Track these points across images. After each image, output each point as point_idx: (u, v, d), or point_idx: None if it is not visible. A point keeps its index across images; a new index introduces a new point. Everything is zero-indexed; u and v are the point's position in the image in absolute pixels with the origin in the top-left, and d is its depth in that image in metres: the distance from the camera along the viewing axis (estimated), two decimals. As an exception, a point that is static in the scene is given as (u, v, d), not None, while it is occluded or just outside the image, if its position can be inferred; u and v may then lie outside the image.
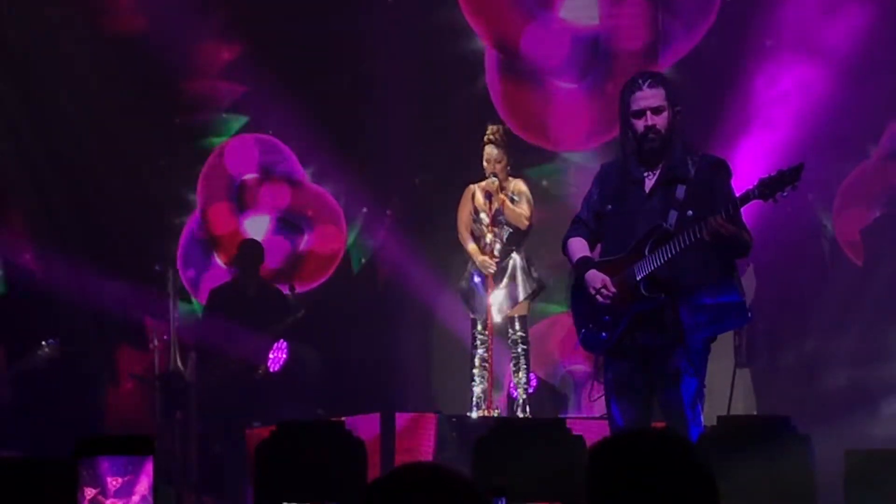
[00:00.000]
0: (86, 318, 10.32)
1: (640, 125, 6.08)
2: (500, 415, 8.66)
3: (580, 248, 6.25)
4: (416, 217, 10.76)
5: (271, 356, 9.82)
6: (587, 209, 6.32)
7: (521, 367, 8.68)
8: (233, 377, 9.67)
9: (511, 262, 8.72)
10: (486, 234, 8.69)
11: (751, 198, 5.84)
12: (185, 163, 11.06)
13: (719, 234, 5.82)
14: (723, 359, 8.23)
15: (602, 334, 6.12)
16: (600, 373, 6.42)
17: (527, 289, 8.70)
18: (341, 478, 6.23)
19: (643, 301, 6.00)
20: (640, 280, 6.00)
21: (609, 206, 6.20)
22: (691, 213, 5.95)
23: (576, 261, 6.22)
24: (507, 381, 9.09)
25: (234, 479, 9.18)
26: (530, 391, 8.74)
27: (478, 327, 8.74)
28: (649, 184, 6.12)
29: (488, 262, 8.65)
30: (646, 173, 6.13)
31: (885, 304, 9.47)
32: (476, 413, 8.62)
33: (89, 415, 10.22)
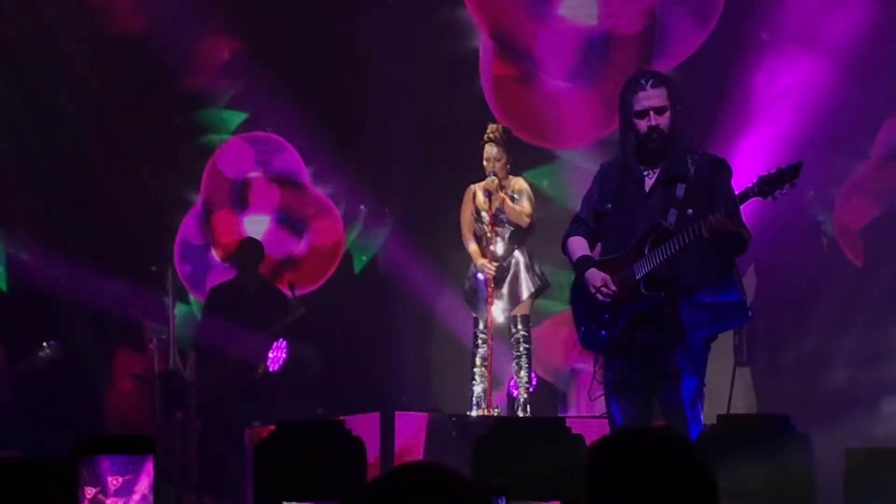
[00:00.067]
0: (86, 318, 10.32)
1: (644, 125, 6.07)
2: (500, 414, 8.66)
3: (580, 247, 6.25)
4: (416, 217, 10.75)
5: (271, 355, 9.81)
6: (587, 208, 6.32)
7: (523, 366, 8.68)
8: (232, 377, 9.67)
9: (514, 260, 8.72)
10: (486, 233, 8.69)
11: (750, 195, 5.83)
12: (184, 162, 11.05)
13: (719, 232, 5.81)
14: (722, 358, 8.23)
15: (601, 333, 6.12)
16: (600, 372, 6.40)
17: (530, 287, 8.69)
18: (341, 477, 6.23)
19: (643, 299, 6.00)
20: (639, 279, 5.99)
21: (609, 206, 6.20)
22: (691, 211, 5.95)
23: (575, 260, 6.22)
24: (508, 381, 9.09)
25: (233, 478, 9.17)
26: (531, 390, 8.74)
27: (479, 326, 8.74)
28: (649, 183, 6.12)
29: (488, 265, 8.65)
30: (646, 172, 6.13)
31: (885, 304, 9.46)
32: (476, 412, 8.62)
33: (89, 415, 10.21)
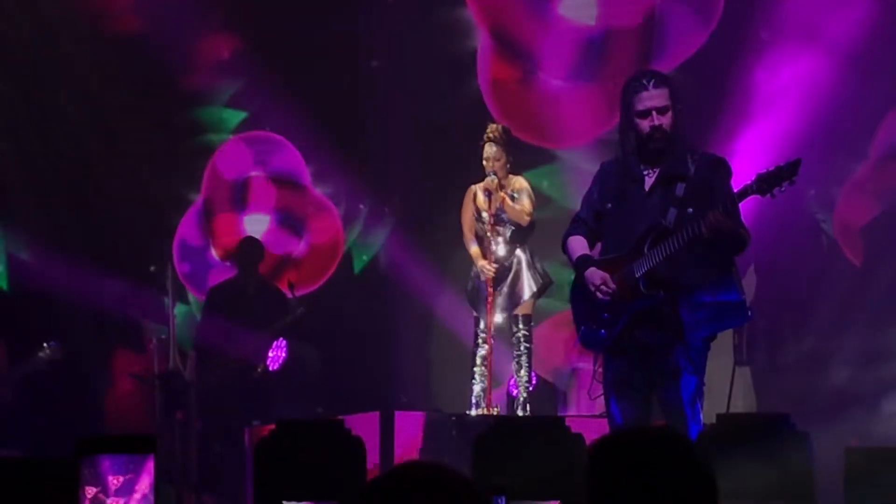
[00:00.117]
0: (86, 318, 10.31)
1: (646, 125, 6.06)
2: (499, 413, 8.66)
3: (580, 246, 6.25)
4: (416, 217, 10.75)
5: (271, 355, 9.81)
6: (587, 208, 6.32)
7: (523, 366, 8.67)
8: (232, 376, 9.66)
9: (515, 259, 8.71)
10: (487, 233, 8.69)
11: (749, 193, 5.83)
12: (184, 161, 11.05)
13: (718, 230, 5.81)
14: (722, 357, 8.24)
15: (601, 332, 6.12)
16: (599, 371, 6.40)
17: (532, 286, 8.68)
18: (341, 477, 6.23)
19: (642, 298, 6.00)
20: (639, 277, 5.99)
21: (609, 205, 6.20)
22: (691, 210, 5.94)
23: (575, 259, 6.22)
24: (507, 380, 9.09)
25: (233, 478, 9.17)
26: (530, 389, 8.74)
27: (480, 325, 8.73)
28: (649, 182, 6.12)
29: (487, 267, 8.64)
30: (646, 171, 6.13)
31: (885, 304, 9.46)
32: (475, 411, 8.62)
33: (89, 415, 10.21)
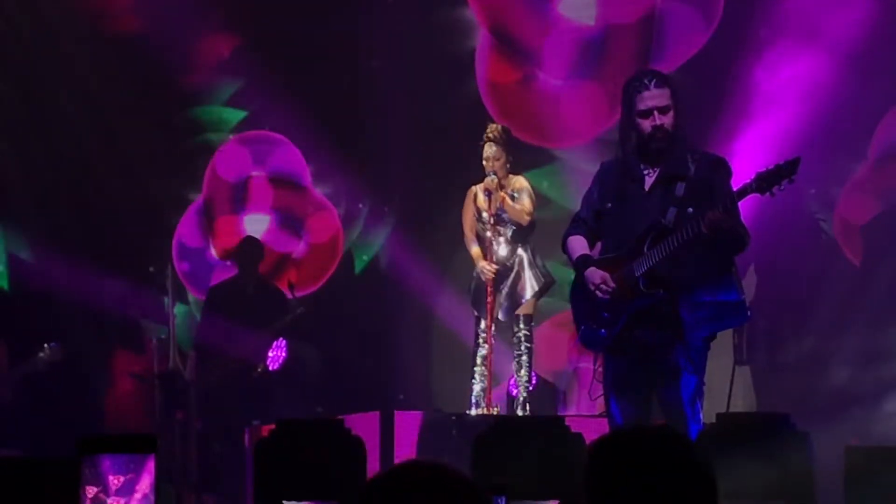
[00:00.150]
0: (86, 318, 10.31)
1: (648, 125, 6.06)
2: (499, 412, 8.66)
3: (580, 246, 6.25)
4: (416, 217, 10.75)
5: (271, 354, 9.81)
6: (587, 207, 6.32)
7: (523, 365, 8.67)
8: (232, 376, 9.66)
9: (517, 259, 8.71)
10: (488, 233, 8.68)
11: (748, 191, 5.83)
12: (184, 161, 11.04)
13: (718, 228, 5.81)
14: (722, 356, 8.23)
15: (601, 331, 6.13)
16: (600, 371, 6.41)
17: (534, 285, 8.66)
18: (341, 476, 6.23)
19: (642, 297, 6.01)
20: (639, 276, 6.00)
21: (609, 205, 6.20)
22: (691, 210, 5.95)
23: (575, 259, 6.23)
24: (508, 379, 9.09)
25: (233, 478, 9.17)
26: (530, 389, 8.74)
27: (481, 325, 8.73)
28: (649, 181, 6.12)
29: (487, 268, 8.64)
30: (646, 171, 6.13)
31: (885, 304, 9.46)
32: (475, 411, 8.62)
33: (89, 415, 10.21)
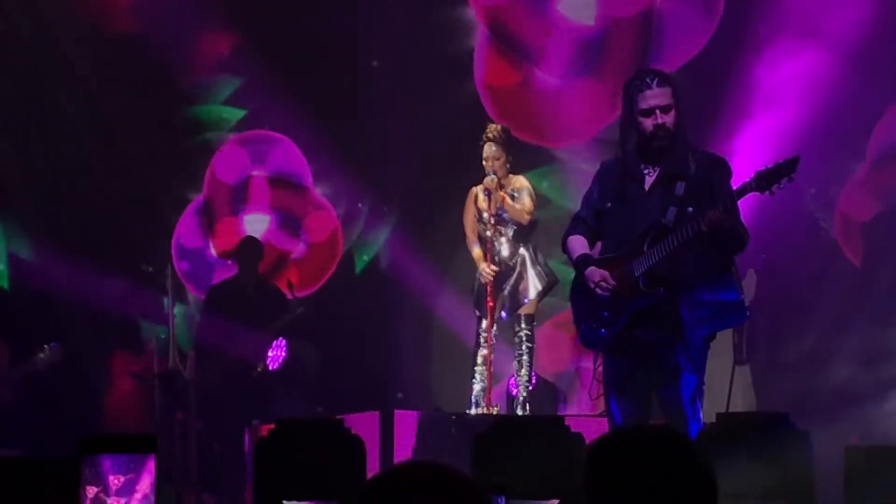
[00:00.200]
0: (86, 318, 10.31)
1: (650, 124, 6.06)
2: (499, 412, 8.66)
3: (580, 245, 6.26)
4: (416, 217, 10.75)
5: (270, 354, 9.81)
6: (587, 207, 6.33)
7: (524, 365, 8.67)
8: (232, 376, 9.66)
9: (519, 258, 8.70)
10: (489, 233, 8.67)
11: (748, 190, 5.83)
12: (184, 160, 11.04)
13: (718, 227, 5.81)
14: (722, 356, 8.24)
15: (601, 331, 6.13)
16: (600, 370, 6.42)
17: (537, 285, 8.65)
18: (341, 476, 6.23)
19: (642, 296, 6.01)
20: (639, 275, 6.00)
21: (609, 204, 6.21)
22: (691, 209, 5.95)
23: (575, 258, 6.23)
24: (508, 378, 9.08)
25: (233, 477, 9.17)
26: (530, 388, 8.74)
27: (482, 326, 8.73)
28: (649, 181, 6.12)
29: (487, 270, 8.63)
30: (646, 170, 6.13)
31: (885, 304, 9.46)
32: (475, 411, 8.62)
33: (89, 415, 10.21)
